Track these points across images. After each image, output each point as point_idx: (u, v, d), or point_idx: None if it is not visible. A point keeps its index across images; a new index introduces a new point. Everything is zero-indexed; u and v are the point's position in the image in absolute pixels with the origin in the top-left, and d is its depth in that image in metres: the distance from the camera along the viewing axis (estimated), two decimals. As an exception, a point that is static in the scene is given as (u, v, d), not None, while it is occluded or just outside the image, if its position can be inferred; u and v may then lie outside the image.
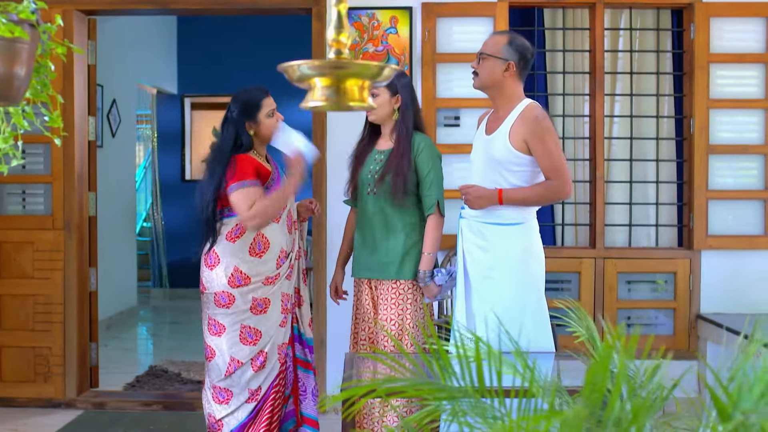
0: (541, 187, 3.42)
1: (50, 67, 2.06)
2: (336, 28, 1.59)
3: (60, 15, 4.79)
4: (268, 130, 3.73)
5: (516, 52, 3.47)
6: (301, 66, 1.55)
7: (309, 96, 1.59)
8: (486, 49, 3.49)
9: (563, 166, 3.40)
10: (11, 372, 5.11)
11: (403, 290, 3.73)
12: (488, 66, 3.47)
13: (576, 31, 5.25)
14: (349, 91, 1.57)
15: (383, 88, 3.69)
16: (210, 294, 3.69)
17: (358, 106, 1.58)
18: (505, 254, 3.45)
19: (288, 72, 1.58)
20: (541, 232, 5.31)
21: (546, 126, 3.39)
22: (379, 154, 3.79)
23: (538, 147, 3.37)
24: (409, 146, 3.70)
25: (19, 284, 5.09)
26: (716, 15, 4.94)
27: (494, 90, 3.51)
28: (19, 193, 5.17)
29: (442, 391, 1.40)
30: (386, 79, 1.59)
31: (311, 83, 1.59)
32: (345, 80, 1.57)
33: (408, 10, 4.95)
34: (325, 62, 1.56)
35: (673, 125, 5.22)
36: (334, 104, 1.57)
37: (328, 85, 1.57)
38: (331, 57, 1.59)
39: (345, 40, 1.60)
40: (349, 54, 1.60)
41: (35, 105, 4.89)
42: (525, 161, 3.40)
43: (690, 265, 5.00)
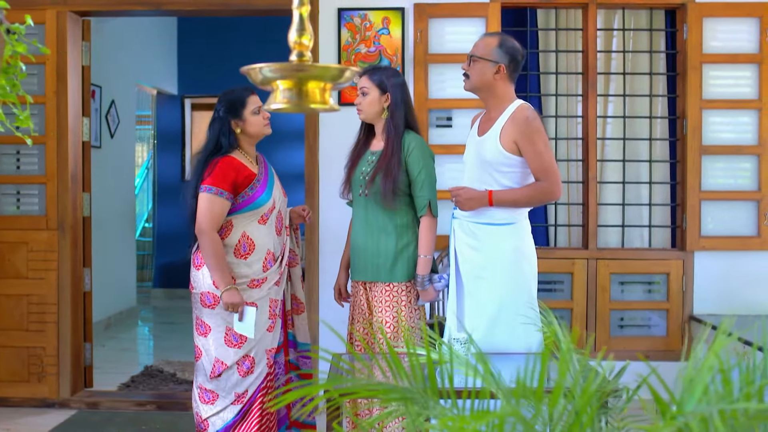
0: (531, 189, 3.43)
1: (20, 68, 2.06)
2: (298, 30, 1.61)
3: (54, 16, 4.85)
4: (254, 127, 3.74)
5: (507, 54, 3.47)
6: (263, 69, 1.56)
7: (271, 98, 1.60)
8: (476, 51, 3.49)
9: (553, 167, 3.40)
10: (5, 372, 5.12)
11: (397, 292, 3.71)
12: (479, 68, 3.47)
13: (569, 31, 5.25)
14: (310, 93, 1.58)
15: (372, 87, 3.69)
16: (197, 294, 3.70)
17: (320, 108, 1.59)
18: (496, 254, 3.45)
19: (250, 75, 1.59)
20: (533, 233, 5.31)
21: (536, 127, 3.39)
22: (371, 155, 3.78)
23: (528, 148, 3.37)
24: (399, 146, 3.67)
25: (14, 284, 5.11)
26: (709, 15, 4.93)
27: (485, 92, 3.51)
28: (13, 194, 5.18)
29: (395, 392, 1.41)
30: (347, 81, 1.60)
31: (274, 86, 1.60)
32: (306, 82, 1.58)
33: (400, 11, 4.96)
34: (286, 65, 1.57)
35: (666, 126, 5.21)
36: (295, 106, 1.58)
37: (290, 87, 1.58)
38: (293, 59, 1.60)
39: (307, 42, 1.61)
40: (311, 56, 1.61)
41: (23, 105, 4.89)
42: (515, 162, 3.41)
43: (683, 266, 4.99)
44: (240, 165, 3.67)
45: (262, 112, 3.76)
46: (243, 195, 3.66)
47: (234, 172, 3.63)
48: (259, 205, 3.69)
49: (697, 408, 1.12)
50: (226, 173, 3.61)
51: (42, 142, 5.10)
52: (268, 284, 3.74)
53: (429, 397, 1.46)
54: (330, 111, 1.60)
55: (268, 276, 3.73)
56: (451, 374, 1.40)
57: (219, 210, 3.60)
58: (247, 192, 3.66)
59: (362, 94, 3.71)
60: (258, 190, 3.70)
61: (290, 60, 1.60)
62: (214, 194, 3.58)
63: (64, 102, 5.07)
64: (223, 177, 3.60)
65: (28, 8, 5.04)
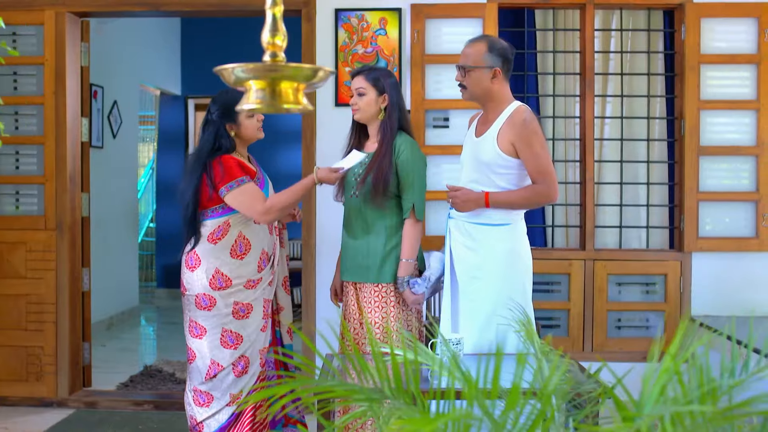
0: (528, 191, 3.43)
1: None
2: (271, 31, 1.61)
3: (52, 17, 4.87)
4: (249, 131, 3.75)
5: (498, 56, 3.47)
6: (235, 69, 1.57)
7: (244, 98, 1.61)
8: (468, 61, 3.48)
9: (550, 169, 3.40)
10: (4, 371, 5.14)
11: (386, 293, 3.72)
12: (475, 77, 3.46)
13: (567, 32, 5.24)
14: (283, 94, 1.59)
15: (370, 87, 3.69)
16: (191, 296, 3.70)
17: (293, 108, 1.60)
18: (491, 255, 3.45)
19: (223, 75, 1.59)
20: (531, 234, 5.31)
21: (533, 129, 3.38)
22: (365, 156, 3.79)
23: (525, 150, 3.36)
24: (391, 147, 3.68)
25: (12, 284, 5.13)
26: (707, 15, 4.91)
27: (485, 98, 3.51)
28: (12, 194, 5.20)
29: (360, 392, 1.41)
30: (321, 81, 1.60)
31: (247, 86, 1.60)
32: (279, 83, 1.58)
33: (397, 12, 4.95)
34: (259, 65, 1.57)
35: (665, 126, 5.19)
36: (268, 106, 1.59)
37: (262, 87, 1.59)
38: (266, 60, 1.61)
39: (280, 42, 1.61)
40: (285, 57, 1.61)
41: (24, 106, 4.95)
42: (512, 164, 3.41)
43: (680, 267, 4.97)
44: (240, 161, 3.68)
45: (256, 115, 3.76)
46: None
47: (237, 164, 3.64)
48: None
49: (654, 410, 1.12)
50: (232, 166, 3.61)
51: (41, 143, 5.12)
52: (263, 284, 3.75)
53: (396, 398, 1.46)
54: (303, 112, 1.61)
55: (262, 276, 3.74)
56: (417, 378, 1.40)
57: (254, 191, 3.61)
58: None
59: (359, 94, 3.70)
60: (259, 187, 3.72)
61: (263, 60, 1.60)
62: (244, 183, 3.59)
63: (62, 102, 5.09)
64: (233, 169, 3.60)
65: (27, 9, 5.08)
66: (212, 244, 3.65)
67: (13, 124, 5.17)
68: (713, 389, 1.24)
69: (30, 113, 5.17)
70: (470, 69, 3.46)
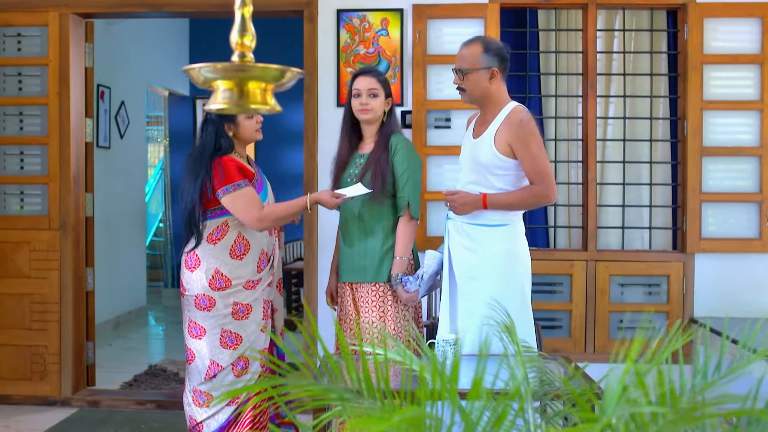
0: (525, 192, 3.42)
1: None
2: (239, 31, 1.61)
3: (56, 18, 4.90)
4: (248, 132, 3.75)
5: (495, 56, 3.47)
6: (203, 69, 1.57)
7: (212, 98, 1.61)
8: (464, 64, 3.48)
9: (547, 170, 3.39)
10: (8, 370, 5.18)
11: (383, 292, 3.73)
12: (473, 80, 3.46)
13: (570, 32, 5.22)
14: (251, 94, 1.59)
15: (381, 89, 3.74)
16: (190, 296, 3.71)
17: (260, 108, 1.60)
18: (489, 255, 3.45)
19: (191, 75, 1.59)
20: (533, 234, 5.32)
21: (530, 129, 3.38)
22: (359, 157, 3.80)
23: (523, 151, 3.36)
24: (387, 146, 3.71)
25: (16, 283, 5.17)
26: (710, 15, 4.88)
27: (483, 100, 3.51)
28: (17, 194, 5.24)
29: (331, 392, 1.41)
30: (289, 81, 1.60)
31: (215, 86, 1.61)
32: (246, 83, 1.58)
33: (399, 12, 4.95)
34: (226, 65, 1.57)
35: (668, 127, 5.17)
36: (235, 106, 1.59)
37: (230, 87, 1.58)
38: (234, 60, 1.61)
39: (248, 43, 1.61)
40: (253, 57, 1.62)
41: (28, 107, 4.97)
42: (510, 165, 3.40)
43: (683, 268, 4.94)
44: (239, 163, 3.68)
45: (255, 116, 3.76)
46: None
47: (237, 166, 3.64)
48: None
49: (614, 411, 1.12)
50: (232, 168, 3.61)
51: (44, 143, 5.15)
52: (262, 285, 3.75)
53: (366, 398, 1.46)
54: (271, 112, 1.61)
55: (262, 277, 3.74)
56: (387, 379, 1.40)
57: (251, 195, 3.61)
58: None
59: (372, 95, 3.73)
60: (257, 189, 3.72)
61: (232, 60, 1.60)
62: (242, 187, 3.59)
63: (66, 103, 5.11)
64: (232, 172, 3.59)
65: (31, 10, 5.11)
66: (212, 245, 3.66)
67: (18, 124, 5.21)
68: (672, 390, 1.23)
69: (34, 114, 5.20)
70: (468, 72, 3.46)
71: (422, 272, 3.68)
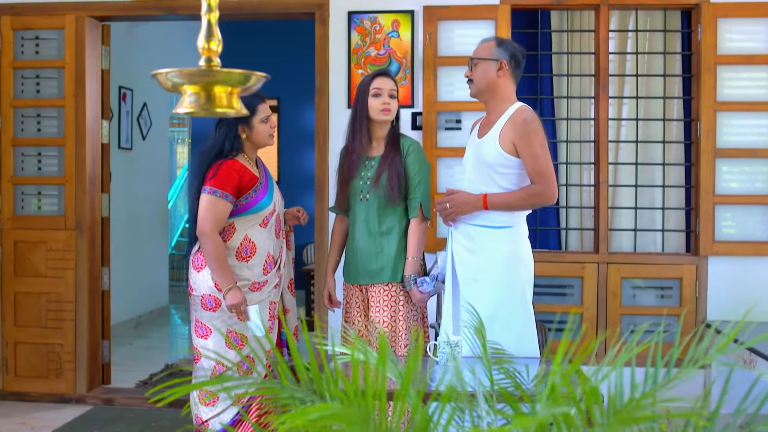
0: (525, 192, 3.42)
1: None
2: (206, 36, 1.63)
3: (72, 21, 4.97)
4: (260, 136, 3.78)
5: (506, 51, 3.50)
6: (169, 74, 1.59)
7: (180, 102, 1.64)
8: (477, 54, 3.53)
9: (549, 170, 3.39)
10: (25, 367, 5.27)
11: (395, 292, 3.75)
12: (482, 69, 3.49)
13: (583, 33, 5.20)
14: (216, 98, 1.61)
15: (396, 92, 3.80)
16: (197, 296, 3.74)
17: (226, 112, 1.62)
18: (491, 257, 3.45)
19: (159, 80, 1.62)
20: (545, 236, 5.29)
21: (534, 129, 3.38)
22: (369, 160, 3.82)
23: (525, 150, 3.36)
24: (398, 148, 3.74)
25: (33, 282, 5.26)
26: (724, 15, 4.83)
27: (489, 93, 3.52)
28: (35, 194, 5.32)
29: (284, 391, 1.43)
30: (254, 85, 1.62)
31: (182, 90, 1.63)
32: (212, 87, 1.60)
33: (410, 14, 4.96)
34: (192, 70, 1.60)
35: (682, 128, 5.12)
36: (202, 110, 1.61)
37: (197, 91, 1.61)
38: (201, 65, 1.63)
39: (215, 47, 1.64)
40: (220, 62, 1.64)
41: (45, 109, 5.04)
42: (514, 164, 3.41)
43: (696, 271, 4.89)
44: (243, 168, 3.70)
45: (269, 121, 3.80)
46: (246, 197, 3.69)
47: (237, 176, 3.66)
48: (261, 209, 3.73)
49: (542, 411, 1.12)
50: (230, 176, 3.64)
51: (61, 144, 5.23)
52: (268, 287, 3.78)
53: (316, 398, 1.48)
54: (237, 115, 1.63)
55: (268, 279, 3.77)
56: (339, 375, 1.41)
57: (221, 212, 3.63)
58: (250, 194, 3.70)
59: (392, 96, 3.77)
60: (260, 194, 3.74)
61: (199, 65, 1.62)
62: (217, 197, 3.61)
63: (82, 105, 5.19)
64: (227, 180, 3.63)
65: (48, 14, 5.19)
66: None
67: (36, 126, 5.29)
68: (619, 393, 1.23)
69: (51, 115, 5.29)
70: (477, 60, 3.50)
71: (436, 273, 3.70)
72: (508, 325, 3.41)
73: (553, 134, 5.29)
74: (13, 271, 5.27)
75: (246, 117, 3.71)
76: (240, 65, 5.08)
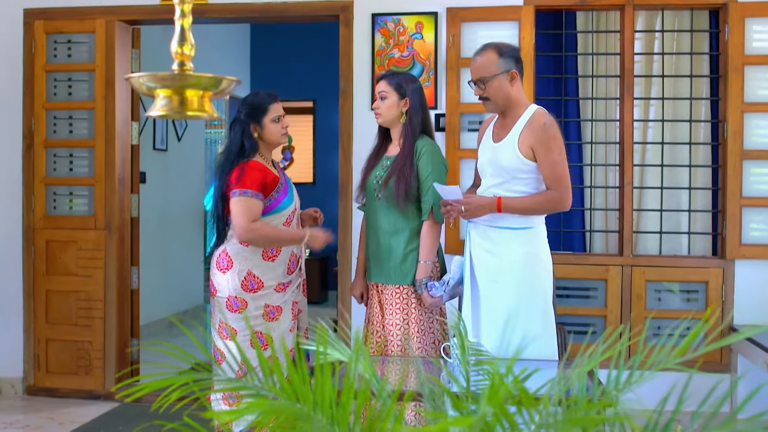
0: (541, 197, 3.40)
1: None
2: (179, 41, 1.67)
3: (103, 25, 5.07)
4: (273, 135, 3.81)
5: (510, 58, 3.46)
6: (141, 78, 1.63)
7: (153, 105, 1.67)
8: (483, 72, 3.44)
9: (565, 176, 3.37)
10: (56, 364, 5.39)
11: (407, 295, 3.75)
12: (496, 86, 3.44)
13: (609, 34, 5.15)
14: (188, 101, 1.65)
15: (391, 91, 3.75)
16: (221, 298, 3.75)
17: (197, 114, 1.65)
18: (510, 258, 3.44)
19: (133, 84, 1.66)
20: (570, 239, 5.25)
21: (553, 134, 3.36)
22: (387, 159, 3.83)
23: (543, 155, 3.35)
24: (412, 150, 3.73)
25: (64, 281, 5.37)
26: (752, 15, 4.75)
27: (507, 105, 3.49)
28: (66, 194, 5.44)
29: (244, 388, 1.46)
30: (225, 89, 1.65)
31: (155, 93, 1.67)
32: (184, 91, 1.64)
33: (433, 16, 4.97)
34: (164, 74, 1.64)
35: (709, 130, 5.05)
36: (174, 113, 1.65)
37: (169, 95, 1.64)
38: (174, 69, 1.67)
39: (188, 52, 1.67)
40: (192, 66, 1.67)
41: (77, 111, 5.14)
42: (533, 168, 3.39)
43: (722, 274, 4.81)
44: (264, 168, 3.74)
45: (282, 120, 3.82)
46: (270, 198, 3.73)
47: (261, 174, 3.69)
48: (284, 208, 3.76)
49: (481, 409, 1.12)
50: (255, 176, 3.67)
51: (91, 146, 5.34)
52: (292, 287, 3.81)
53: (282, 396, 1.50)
54: (209, 119, 1.66)
55: (292, 279, 3.80)
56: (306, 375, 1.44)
57: (255, 209, 3.65)
58: (273, 195, 3.74)
59: (381, 98, 3.77)
60: (282, 194, 3.77)
61: (172, 69, 1.66)
62: (248, 196, 3.63)
63: (111, 107, 5.29)
64: (254, 179, 3.66)
65: (79, 18, 5.31)
66: (244, 246, 3.71)
67: (68, 128, 5.41)
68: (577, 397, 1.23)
69: (83, 117, 5.39)
70: (489, 79, 3.43)
71: (448, 278, 3.69)
72: (527, 326, 3.39)
73: (578, 136, 5.25)
74: (45, 269, 5.40)
75: (258, 116, 3.76)
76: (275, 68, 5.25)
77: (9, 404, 5.26)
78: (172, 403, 1.49)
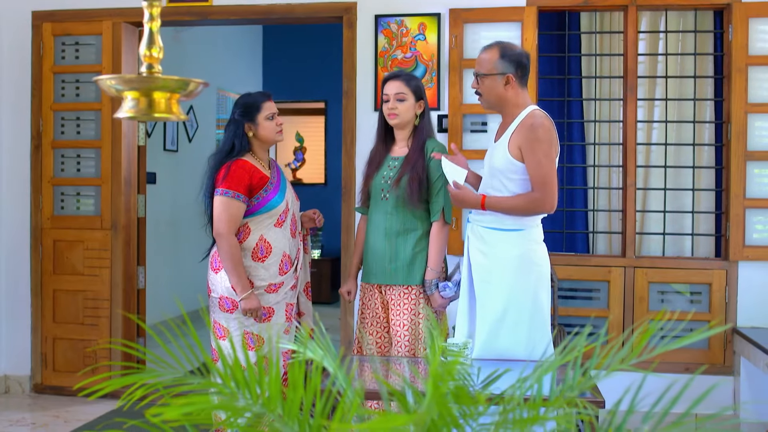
0: (523, 199, 3.39)
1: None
2: (147, 44, 1.69)
3: (109, 27, 5.12)
4: (267, 132, 3.83)
5: (511, 62, 3.45)
6: (108, 80, 1.65)
7: (121, 107, 1.70)
8: (481, 68, 3.48)
9: (549, 178, 3.34)
10: (62, 362, 5.45)
11: (415, 295, 3.75)
12: (488, 84, 3.47)
13: (613, 35, 5.14)
14: (156, 103, 1.67)
15: (410, 93, 3.78)
16: (215, 297, 3.80)
17: (165, 117, 1.68)
18: (501, 259, 3.44)
19: (101, 86, 1.69)
20: (573, 240, 5.24)
21: (538, 135, 3.33)
22: (393, 160, 3.85)
23: (529, 155, 3.34)
24: (423, 150, 3.75)
25: (71, 280, 5.43)
26: (756, 15, 4.72)
27: (499, 105, 3.51)
28: (74, 195, 5.50)
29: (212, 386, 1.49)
30: (192, 91, 1.67)
31: (123, 96, 1.69)
32: (151, 93, 1.66)
33: (436, 17, 4.98)
34: (132, 77, 1.66)
35: (713, 131, 5.02)
36: (141, 115, 1.67)
37: (136, 97, 1.67)
38: (142, 71, 1.69)
39: (156, 54, 1.69)
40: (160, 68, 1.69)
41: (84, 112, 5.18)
42: (521, 169, 3.39)
43: (726, 276, 4.79)
44: (252, 168, 3.76)
45: (276, 118, 3.85)
46: (257, 197, 3.74)
47: (247, 175, 3.72)
48: (273, 207, 3.77)
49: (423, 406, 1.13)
50: (240, 176, 3.70)
51: (98, 147, 5.39)
52: (285, 288, 3.82)
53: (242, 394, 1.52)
54: (177, 120, 1.68)
55: (284, 280, 3.81)
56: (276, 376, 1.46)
57: (235, 212, 3.69)
58: (261, 194, 3.75)
59: (399, 99, 3.77)
60: (271, 193, 3.78)
61: (140, 72, 1.68)
62: (230, 197, 3.67)
63: (117, 108, 5.32)
64: (238, 180, 3.69)
65: (86, 20, 5.36)
66: None
67: (75, 129, 5.47)
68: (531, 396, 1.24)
69: (90, 118, 5.45)
70: (483, 76, 3.46)
71: (459, 278, 3.70)
72: (517, 328, 3.40)
73: (581, 137, 5.24)
74: (52, 269, 5.46)
75: (252, 115, 3.79)
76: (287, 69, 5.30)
77: (17, 402, 5.33)
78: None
